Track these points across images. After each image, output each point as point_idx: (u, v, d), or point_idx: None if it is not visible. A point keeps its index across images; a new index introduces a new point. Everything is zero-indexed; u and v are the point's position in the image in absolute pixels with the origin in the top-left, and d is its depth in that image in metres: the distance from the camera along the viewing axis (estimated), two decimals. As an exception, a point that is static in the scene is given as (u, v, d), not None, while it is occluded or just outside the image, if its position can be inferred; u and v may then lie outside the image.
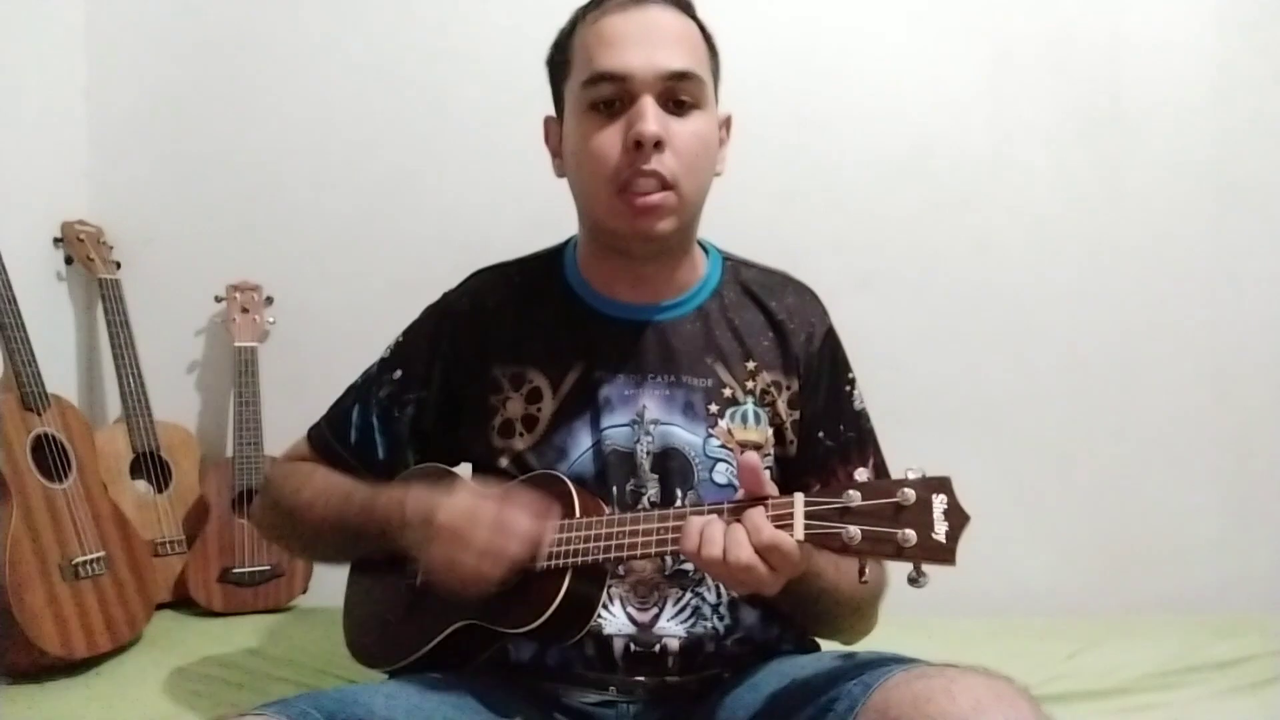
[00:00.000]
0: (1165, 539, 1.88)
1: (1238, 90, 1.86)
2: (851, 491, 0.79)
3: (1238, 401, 1.88)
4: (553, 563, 0.94)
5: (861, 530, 0.78)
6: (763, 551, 0.81)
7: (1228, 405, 1.88)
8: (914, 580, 0.77)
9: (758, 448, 1.06)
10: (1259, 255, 1.88)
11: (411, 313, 1.20)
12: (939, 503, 0.77)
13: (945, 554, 0.76)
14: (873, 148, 1.90)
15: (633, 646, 1.01)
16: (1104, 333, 1.89)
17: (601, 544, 0.92)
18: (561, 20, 1.08)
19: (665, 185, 0.99)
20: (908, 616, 1.19)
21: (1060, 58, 1.89)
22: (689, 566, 1.03)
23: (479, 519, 0.93)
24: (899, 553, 0.77)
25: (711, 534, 0.84)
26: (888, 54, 1.91)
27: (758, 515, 0.83)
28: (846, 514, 0.79)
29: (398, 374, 1.15)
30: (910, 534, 0.76)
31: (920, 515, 0.77)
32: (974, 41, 1.90)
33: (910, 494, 0.77)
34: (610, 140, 0.99)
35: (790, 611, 1.05)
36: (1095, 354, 1.89)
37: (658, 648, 1.01)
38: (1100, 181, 1.89)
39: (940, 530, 0.76)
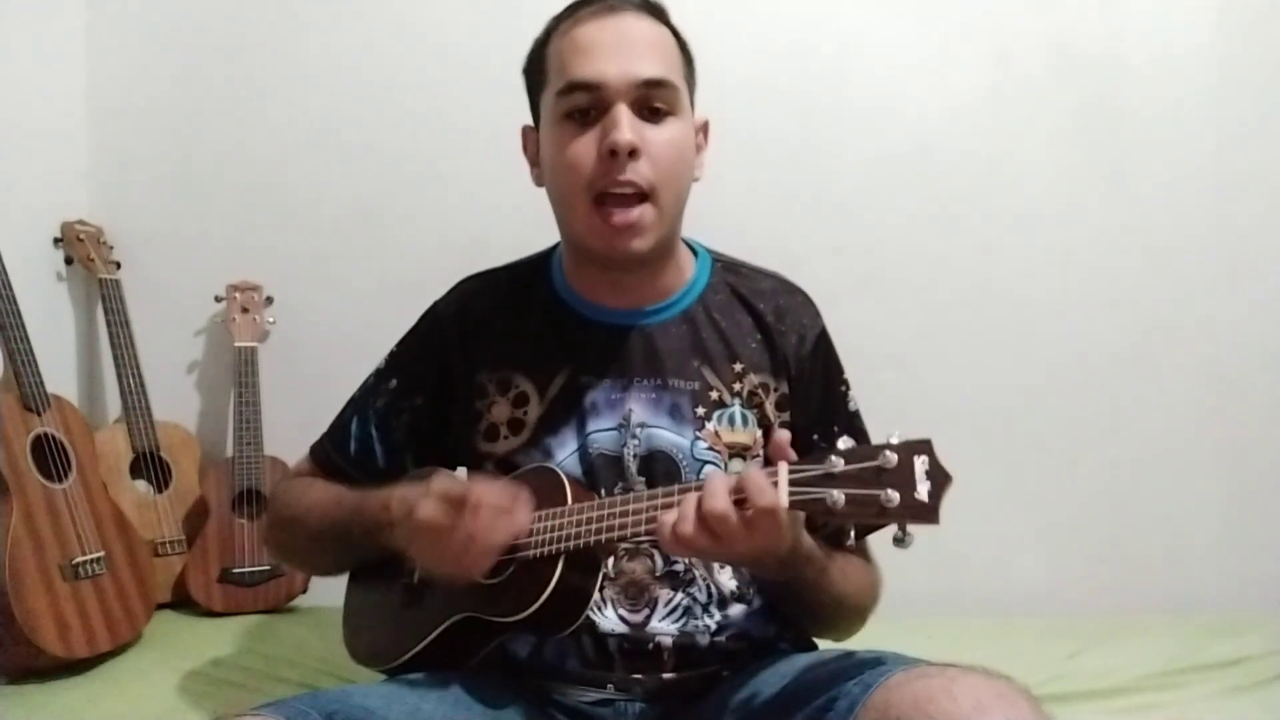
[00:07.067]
0: (1165, 539, 1.88)
1: (1238, 90, 1.86)
2: (834, 458, 0.80)
3: (1238, 402, 1.88)
4: (546, 549, 0.94)
5: (845, 494, 0.78)
6: (756, 517, 0.81)
7: (1228, 405, 1.88)
8: (899, 540, 0.78)
9: (746, 449, 1.06)
10: (1259, 255, 1.88)
11: (411, 313, 1.20)
12: (920, 464, 0.77)
13: (928, 513, 0.76)
14: (873, 148, 1.90)
15: (626, 645, 1.02)
16: (1104, 333, 1.89)
17: (593, 526, 0.92)
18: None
19: (641, 194, 0.99)
20: (908, 617, 1.19)
21: (1060, 58, 1.88)
22: (679, 567, 1.03)
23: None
24: (882, 514, 0.77)
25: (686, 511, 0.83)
26: (888, 54, 1.91)
27: (760, 477, 0.82)
28: (830, 479, 0.80)
29: (393, 383, 1.16)
30: (893, 494, 0.76)
31: (903, 476, 0.77)
32: (974, 42, 1.89)
33: (892, 457, 0.78)
34: (585, 149, 0.99)
35: (778, 595, 1.05)
36: (1095, 354, 1.89)
37: (651, 646, 1.02)
38: (1100, 182, 1.89)
39: (923, 490, 0.77)
